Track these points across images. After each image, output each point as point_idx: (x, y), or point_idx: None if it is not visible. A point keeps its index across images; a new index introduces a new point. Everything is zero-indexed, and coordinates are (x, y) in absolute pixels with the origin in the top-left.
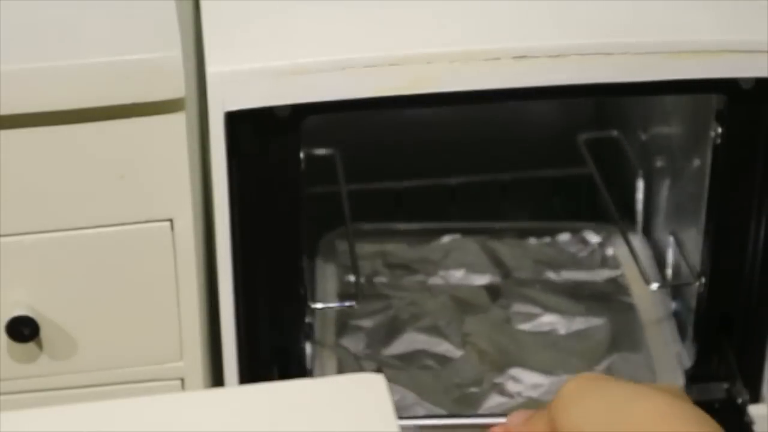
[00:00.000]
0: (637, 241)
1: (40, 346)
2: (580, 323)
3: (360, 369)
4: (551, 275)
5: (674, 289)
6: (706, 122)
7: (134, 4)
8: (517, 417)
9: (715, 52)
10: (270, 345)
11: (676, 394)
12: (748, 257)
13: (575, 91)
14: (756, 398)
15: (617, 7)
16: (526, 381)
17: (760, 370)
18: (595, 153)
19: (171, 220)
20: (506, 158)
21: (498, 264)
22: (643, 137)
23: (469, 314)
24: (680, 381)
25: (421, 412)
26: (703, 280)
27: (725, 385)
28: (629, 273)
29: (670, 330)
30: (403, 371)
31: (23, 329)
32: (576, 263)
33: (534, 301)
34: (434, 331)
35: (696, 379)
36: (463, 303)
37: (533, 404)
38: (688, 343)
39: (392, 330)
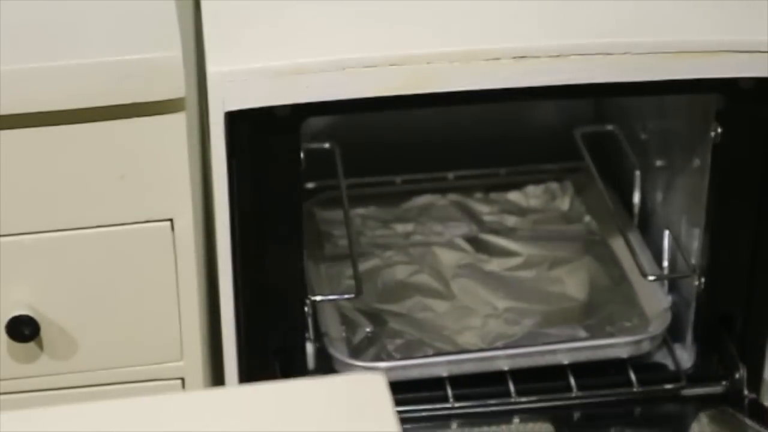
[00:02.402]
0: (634, 234)
1: (40, 345)
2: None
3: (361, 322)
4: (525, 224)
5: (671, 284)
6: (705, 121)
7: (134, 4)
8: None
9: (715, 52)
10: (270, 344)
11: None
12: (749, 256)
13: (575, 91)
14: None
15: (617, 7)
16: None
17: (759, 369)
18: (593, 148)
19: (171, 220)
20: (504, 153)
21: (472, 217)
22: (642, 135)
23: (454, 265)
24: (664, 304)
25: (429, 351)
26: (702, 279)
27: (725, 383)
28: (627, 265)
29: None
30: (400, 319)
31: (24, 329)
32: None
33: (513, 250)
34: (424, 284)
35: (697, 379)
36: (446, 255)
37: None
38: (688, 343)
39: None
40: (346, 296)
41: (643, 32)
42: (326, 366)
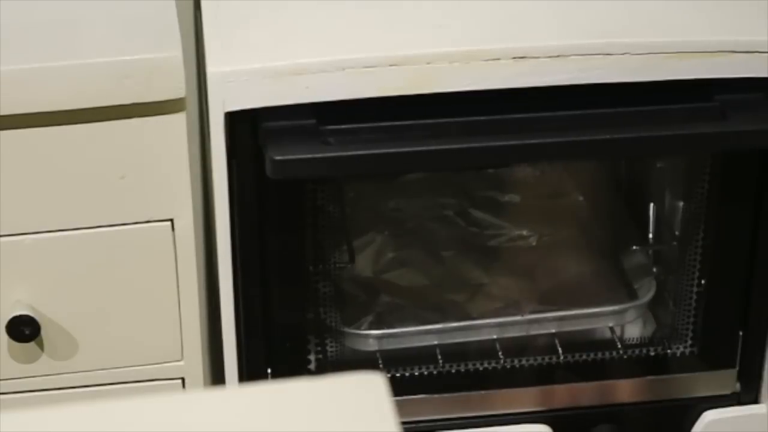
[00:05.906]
0: (620, 207)
1: (40, 345)
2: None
3: (355, 292)
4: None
5: (656, 255)
6: None
7: (134, 4)
8: None
9: (715, 52)
10: (270, 345)
11: None
12: (749, 258)
13: (575, 91)
14: (756, 398)
15: (617, 8)
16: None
17: (760, 370)
18: None
19: (171, 220)
20: None
21: (461, 190)
22: None
23: (445, 236)
24: (649, 274)
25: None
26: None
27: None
28: (612, 236)
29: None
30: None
31: (24, 329)
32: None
33: (503, 224)
34: (416, 257)
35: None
36: (438, 229)
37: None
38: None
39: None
40: (340, 265)
41: (643, 32)
42: (323, 348)
